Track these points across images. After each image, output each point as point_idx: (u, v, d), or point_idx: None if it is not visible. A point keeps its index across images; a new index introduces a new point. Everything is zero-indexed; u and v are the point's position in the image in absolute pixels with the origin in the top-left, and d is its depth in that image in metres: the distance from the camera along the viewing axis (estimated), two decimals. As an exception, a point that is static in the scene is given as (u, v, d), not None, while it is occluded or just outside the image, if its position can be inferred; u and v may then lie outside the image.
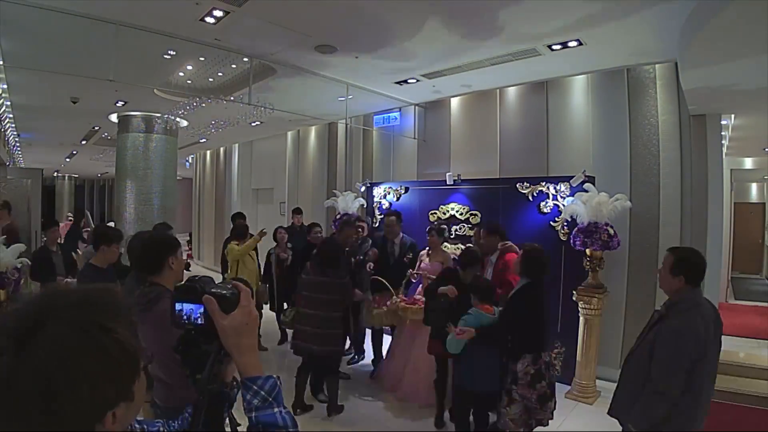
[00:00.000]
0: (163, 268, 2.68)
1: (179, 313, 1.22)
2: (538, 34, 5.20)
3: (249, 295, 1.24)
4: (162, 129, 9.43)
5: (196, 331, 1.22)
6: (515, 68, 6.24)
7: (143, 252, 2.79)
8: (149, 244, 2.82)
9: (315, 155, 10.93)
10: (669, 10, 4.33)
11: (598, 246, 5.33)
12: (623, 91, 6.17)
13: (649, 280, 5.82)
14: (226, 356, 1.23)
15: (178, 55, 6.00)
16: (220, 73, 6.97)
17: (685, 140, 5.79)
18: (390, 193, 8.11)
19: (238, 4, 4.54)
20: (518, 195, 6.44)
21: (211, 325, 1.19)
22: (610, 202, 5.37)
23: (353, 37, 5.38)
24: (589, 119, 6.46)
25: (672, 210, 5.82)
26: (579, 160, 6.39)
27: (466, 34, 5.21)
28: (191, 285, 1.23)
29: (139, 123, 9.24)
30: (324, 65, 6.34)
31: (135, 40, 5.09)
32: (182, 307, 1.22)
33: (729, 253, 9.82)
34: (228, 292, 1.22)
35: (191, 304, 1.21)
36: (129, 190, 9.23)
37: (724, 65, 4.29)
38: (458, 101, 8.02)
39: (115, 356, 0.85)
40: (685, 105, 5.58)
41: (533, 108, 7.00)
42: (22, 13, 4.56)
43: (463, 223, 7.00)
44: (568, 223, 5.90)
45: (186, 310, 1.22)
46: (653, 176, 5.95)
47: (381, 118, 9.03)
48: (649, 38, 5.15)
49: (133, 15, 4.76)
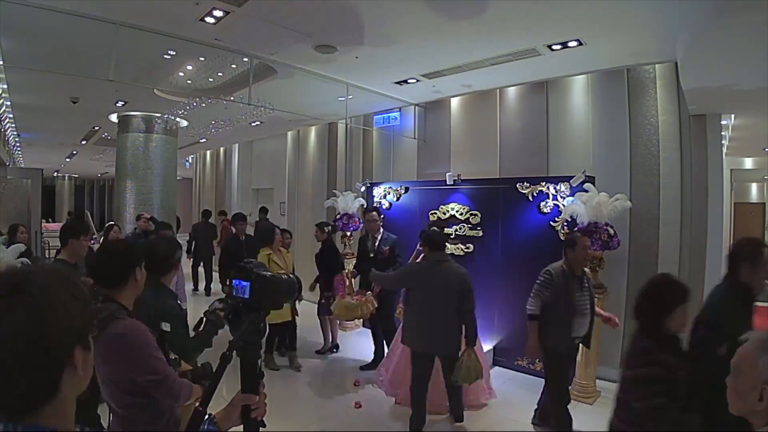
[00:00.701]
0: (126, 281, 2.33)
1: (235, 287, 1.58)
2: (538, 34, 5.20)
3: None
4: (162, 129, 9.45)
5: (243, 303, 1.57)
6: (515, 68, 6.24)
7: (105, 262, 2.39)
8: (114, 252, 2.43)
9: (315, 155, 10.93)
10: (669, 9, 4.33)
11: (598, 246, 5.33)
12: (623, 91, 6.16)
13: (649, 280, 5.82)
14: (260, 324, 1.59)
15: (178, 55, 6.01)
16: (220, 73, 6.99)
17: (685, 140, 5.79)
18: (390, 193, 8.10)
19: (238, 4, 4.54)
20: (518, 195, 6.43)
21: (254, 300, 1.56)
22: (610, 202, 5.36)
23: (353, 37, 5.37)
24: (589, 119, 6.46)
25: (672, 210, 5.82)
26: (579, 160, 6.39)
27: (466, 33, 5.21)
28: (244, 266, 1.59)
29: (139, 123, 9.27)
30: (324, 65, 6.34)
31: (135, 40, 5.10)
32: (238, 283, 1.57)
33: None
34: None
35: (243, 281, 1.57)
36: (129, 190, 9.26)
37: (724, 65, 4.28)
38: (458, 101, 8.02)
39: (83, 297, 1.00)
40: (685, 105, 5.58)
41: (533, 108, 7.00)
42: (22, 13, 4.57)
43: (463, 223, 6.99)
44: (568, 223, 5.89)
45: (240, 285, 1.57)
46: (653, 176, 5.95)
47: (381, 118, 9.04)
48: (649, 38, 5.16)
49: (133, 15, 4.76)
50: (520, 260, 6.33)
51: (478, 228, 6.84)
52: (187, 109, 8.60)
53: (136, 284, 2.35)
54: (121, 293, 2.30)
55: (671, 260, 5.78)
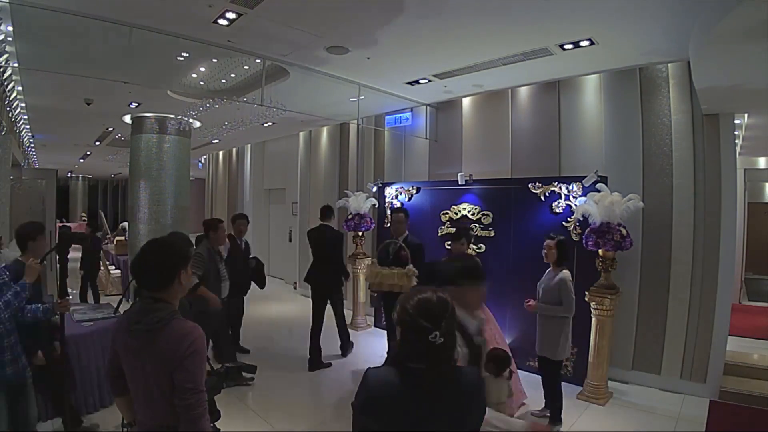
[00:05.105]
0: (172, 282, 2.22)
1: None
2: (550, 34, 5.19)
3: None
4: (175, 130, 9.51)
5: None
6: (527, 68, 6.23)
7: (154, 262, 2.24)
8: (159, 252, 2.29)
9: (327, 155, 10.97)
10: (681, 8, 4.31)
11: (610, 246, 5.31)
12: (636, 91, 6.14)
13: (662, 281, 5.79)
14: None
15: (191, 57, 6.05)
16: (233, 74, 7.02)
17: (698, 140, 5.75)
18: (402, 193, 8.12)
19: (251, 7, 4.57)
20: (530, 195, 6.43)
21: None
22: (623, 202, 5.34)
23: (365, 38, 5.39)
24: (601, 119, 6.43)
25: (685, 210, 5.79)
26: (591, 160, 6.37)
27: (478, 33, 5.21)
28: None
29: (153, 124, 9.33)
30: (336, 66, 6.37)
31: (149, 42, 5.14)
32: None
33: (742, 254, 9.74)
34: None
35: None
36: (142, 190, 9.32)
37: (737, 64, 4.26)
38: (470, 101, 8.02)
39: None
40: (698, 104, 5.55)
41: (545, 108, 6.98)
42: (37, 15, 4.60)
43: (474, 223, 6.99)
44: (580, 223, 5.88)
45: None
46: (666, 176, 5.92)
47: (392, 119, 9.04)
48: (662, 37, 5.13)
49: (146, 17, 4.81)
50: (531, 261, 6.32)
51: (490, 228, 6.84)
52: (200, 110, 8.65)
53: (181, 286, 2.24)
54: (169, 294, 2.20)
55: (684, 260, 5.75)
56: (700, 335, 5.66)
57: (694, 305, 5.71)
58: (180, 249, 2.27)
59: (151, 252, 2.21)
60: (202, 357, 2.10)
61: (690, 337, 5.72)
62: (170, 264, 2.19)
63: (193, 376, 2.04)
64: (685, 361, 5.75)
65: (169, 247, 2.26)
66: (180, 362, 2.02)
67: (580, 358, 5.83)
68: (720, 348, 5.57)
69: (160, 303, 2.12)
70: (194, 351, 2.05)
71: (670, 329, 5.80)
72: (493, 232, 6.81)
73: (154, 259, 2.19)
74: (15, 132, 9.98)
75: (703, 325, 5.65)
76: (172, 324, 2.08)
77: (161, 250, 2.23)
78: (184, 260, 2.25)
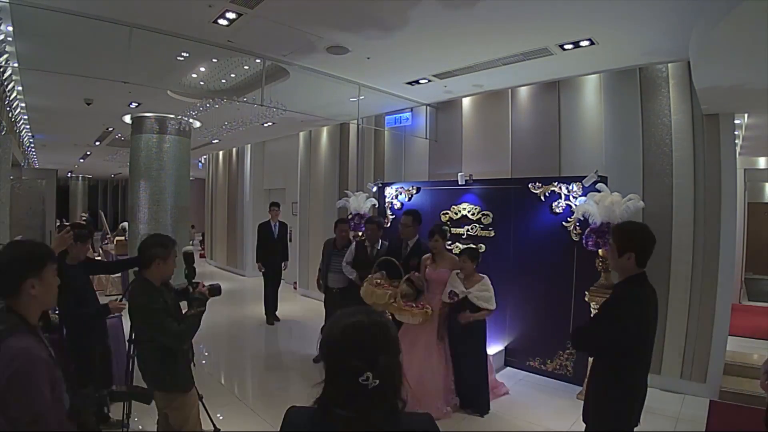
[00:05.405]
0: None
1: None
2: (550, 34, 5.19)
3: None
4: (175, 130, 9.52)
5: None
6: (527, 68, 6.23)
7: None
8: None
9: (327, 155, 10.96)
10: (681, 8, 4.31)
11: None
12: (636, 91, 6.14)
13: (662, 281, 5.79)
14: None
15: (191, 56, 6.05)
16: (233, 74, 7.02)
17: (698, 140, 5.75)
18: (401, 193, 8.12)
19: (251, 7, 4.58)
20: (530, 195, 6.42)
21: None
22: (623, 202, 5.34)
23: (365, 38, 5.39)
24: (601, 119, 6.43)
25: (685, 210, 5.78)
26: (591, 160, 6.36)
27: (478, 33, 5.21)
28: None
29: (153, 124, 9.35)
30: (336, 66, 6.36)
31: (148, 42, 5.14)
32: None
33: (742, 254, 9.74)
34: None
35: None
36: (142, 190, 9.34)
37: (737, 64, 4.26)
38: (470, 101, 8.02)
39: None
40: (698, 104, 5.54)
41: (545, 108, 6.98)
42: (37, 15, 4.61)
43: (474, 223, 6.98)
44: (580, 223, 5.88)
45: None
46: (666, 176, 5.92)
47: (392, 119, 9.04)
48: (662, 37, 5.13)
49: (146, 17, 4.81)
50: (531, 261, 6.33)
51: (490, 228, 6.83)
52: (200, 110, 8.66)
53: (33, 299, 1.93)
54: (19, 305, 1.92)
55: (684, 260, 5.75)
56: (700, 335, 5.66)
57: (694, 305, 5.71)
58: (28, 255, 1.96)
59: (2, 252, 2.00)
60: (25, 384, 1.74)
61: (690, 337, 5.72)
62: (12, 269, 1.91)
63: (18, 406, 1.71)
64: (685, 361, 5.75)
65: (15, 250, 2.01)
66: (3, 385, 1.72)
67: (580, 358, 5.82)
68: (720, 348, 5.57)
69: (10, 314, 1.88)
70: (12, 375, 1.72)
71: (670, 329, 5.79)
72: (493, 232, 6.80)
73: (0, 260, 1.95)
74: (15, 132, 9.99)
75: (703, 325, 5.65)
76: (9, 341, 1.79)
77: (6, 252, 2.00)
78: (32, 268, 1.94)
